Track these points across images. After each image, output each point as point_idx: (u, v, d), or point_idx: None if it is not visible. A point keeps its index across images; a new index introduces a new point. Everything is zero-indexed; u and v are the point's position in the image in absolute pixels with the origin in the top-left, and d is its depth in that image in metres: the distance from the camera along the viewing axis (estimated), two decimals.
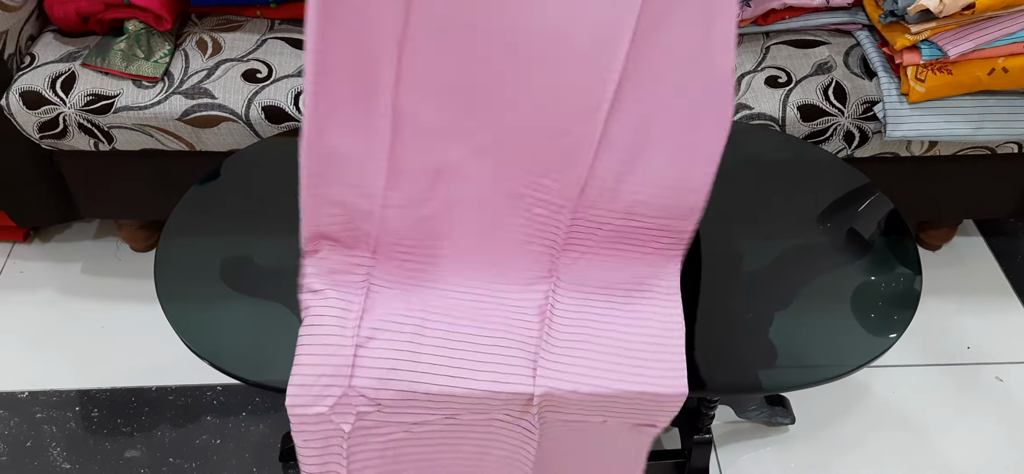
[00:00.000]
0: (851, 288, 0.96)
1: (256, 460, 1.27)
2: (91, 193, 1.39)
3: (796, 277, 0.97)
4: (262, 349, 0.91)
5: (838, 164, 1.16)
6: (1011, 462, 1.29)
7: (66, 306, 1.48)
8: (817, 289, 0.96)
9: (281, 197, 1.02)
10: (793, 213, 1.06)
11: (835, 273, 0.99)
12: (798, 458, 1.28)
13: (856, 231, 1.04)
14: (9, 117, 1.24)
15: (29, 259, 1.56)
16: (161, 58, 1.26)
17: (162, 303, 0.92)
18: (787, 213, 1.06)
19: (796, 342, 0.91)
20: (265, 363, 0.89)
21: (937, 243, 1.61)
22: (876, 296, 0.96)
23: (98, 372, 1.38)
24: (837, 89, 1.28)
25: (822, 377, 0.90)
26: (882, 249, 1.03)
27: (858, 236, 1.04)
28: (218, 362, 0.88)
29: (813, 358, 0.91)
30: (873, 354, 0.90)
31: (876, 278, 0.98)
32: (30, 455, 1.27)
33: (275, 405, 1.34)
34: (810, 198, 1.08)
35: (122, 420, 1.31)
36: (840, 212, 1.07)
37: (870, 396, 1.37)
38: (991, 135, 1.28)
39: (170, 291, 0.93)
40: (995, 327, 1.48)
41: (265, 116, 1.24)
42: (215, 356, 0.89)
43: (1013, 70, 1.20)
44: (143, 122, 1.24)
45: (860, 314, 0.94)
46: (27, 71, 1.25)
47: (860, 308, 0.94)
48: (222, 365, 0.88)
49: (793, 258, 1.00)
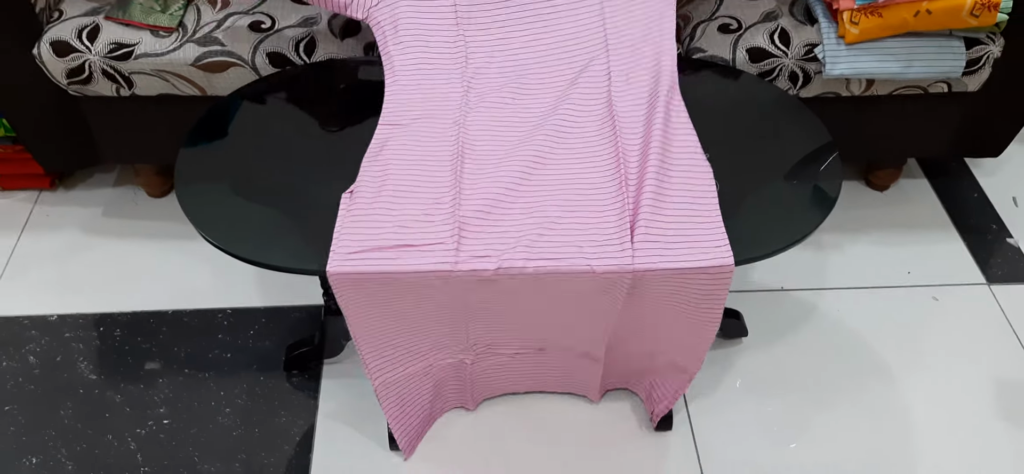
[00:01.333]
0: (790, 190, 1.12)
1: (262, 370, 1.41)
2: (112, 138, 1.54)
3: (750, 183, 1.12)
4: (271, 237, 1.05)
5: (785, 96, 1.31)
6: (945, 369, 1.43)
7: (89, 244, 1.63)
8: (765, 191, 1.12)
9: (276, 123, 1.17)
10: (743, 136, 1.22)
11: (778, 180, 1.14)
12: (753, 369, 1.43)
13: (793, 148, 1.19)
14: (40, 65, 1.39)
15: (54, 205, 1.72)
16: (176, 11, 1.41)
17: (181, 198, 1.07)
18: (739, 136, 1.22)
19: (752, 228, 1.07)
20: (270, 247, 1.03)
21: (884, 183, 1.75)
22: (805, 195, 1.11)
23: (120, 299, 1.53)
24: (782, 34, 1.42)
25: (777, 247, 1.05)
26: (810, 162, 1.17)
27: (795, 152, 1.19)
28: (230, 248, 1.03)
29: (767, 238, 1.06)
30: (808, 230, 1.06)
31: (806, 182, 1.13)
32: (60, 369, 1.41)
33: (279, 324, 1.48)
34: (762, 125, 1.24)
35: (142, 338, 1.46)
36: (782, 135, 1.23)
37: (817, 313, 1.51)
38: (920, 73, 1.42)
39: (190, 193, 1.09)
40: (934, 255, 1.63)
41: (269, 61, 1.39)
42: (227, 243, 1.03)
43: (936, 12, 1.35)
44: (160, 68, 1.39)
45: (796, 206, 1.10)
46: (56, 23, 1.40)
47: (795, 202, 1.11)
48: (233, 250, 1.02)
49: (746, 169, 1.15)
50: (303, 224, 1.06)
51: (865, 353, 1.45)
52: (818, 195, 1.11)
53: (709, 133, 1.19)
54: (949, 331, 1.49)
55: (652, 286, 1.04)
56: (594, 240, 1.02)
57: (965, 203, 1.74)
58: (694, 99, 1.28)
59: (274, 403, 1.36)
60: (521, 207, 1.06)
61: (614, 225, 1.03)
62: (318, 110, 1.25)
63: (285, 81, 1.34)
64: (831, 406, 1.37)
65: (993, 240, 1.66)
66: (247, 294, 1.53)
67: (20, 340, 1.45)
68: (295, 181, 1.12)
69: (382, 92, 1.24)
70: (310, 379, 1.40)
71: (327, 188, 1.09)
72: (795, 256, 1.61)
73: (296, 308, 1.51)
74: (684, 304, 1.08)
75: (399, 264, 1.00)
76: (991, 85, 1.47)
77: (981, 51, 1.41)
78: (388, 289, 1.02)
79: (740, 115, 1.27)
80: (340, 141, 1.19)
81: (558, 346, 1.21)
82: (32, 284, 1.56)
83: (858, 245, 1.64)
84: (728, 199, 1.08)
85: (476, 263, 1.00)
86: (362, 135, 1.17)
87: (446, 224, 1.03)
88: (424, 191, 1.07)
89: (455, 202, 1.04)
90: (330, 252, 1.00)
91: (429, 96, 1.22)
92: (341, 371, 1.41)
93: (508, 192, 1.07)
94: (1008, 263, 1.62)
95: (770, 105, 1.29)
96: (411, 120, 1.18)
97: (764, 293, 1.55)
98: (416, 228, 1.03)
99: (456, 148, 1.12)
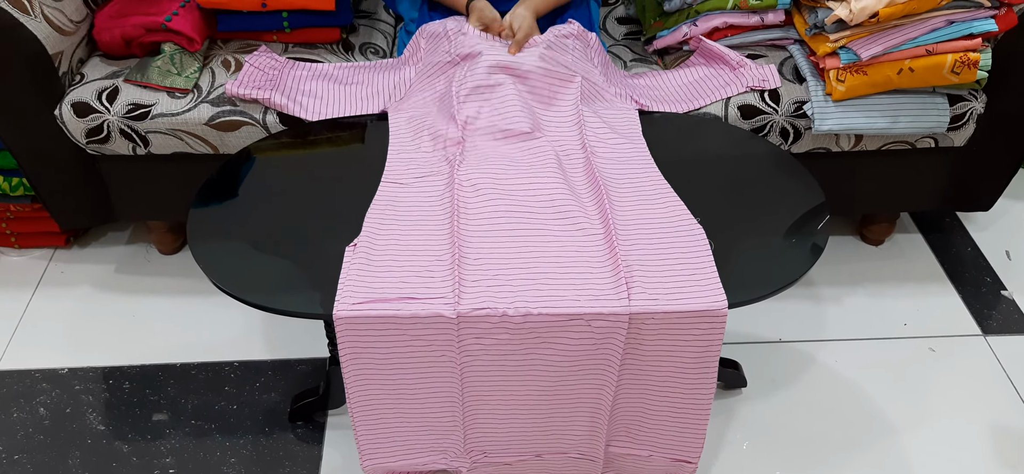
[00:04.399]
0: (781, 238, 1.16)
1: (268, 422, 1.43)
2: (127, 195, 1.59)
3: (743, 232, 1.16)
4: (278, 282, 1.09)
5: (776, 151, 1.36)
6: (944, 419, 1.44)
7: (101, 300, 1.67)
8: (758, 237, 1.16)
9: (285, 176, 1.22)
10: (736, 189, 1.26)
11: (770, 229, 1.18)
12: (751, 419, 1.44)
13: (784, 200, 1.23)
14: (61, 125, 1.45)
15: (69, 262, 1.76)
16: (192, 73, 1.48)
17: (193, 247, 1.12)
18: (732, 187, 1.27)
19: (745, 275, 1.11)
20: (278, 292, 1.07)
21: (879, 238, 1.79)
22: (796, 241, 1.14)
23: (129, 352, 1.56)
24: (772, 92, 1.48)
25: (769, 290, 1.08)
26: (801, 212, 1.21)
27: (786, 203, 1.23)
28: (240, 294, 1.06)
29: (759, 284, 1.09)
30: (798, 275, 1.10)
31: (796, 229, 1.17)
32: (69, 419, 1.44)
33: (285, 377, 1.51)
34: (755, 178, 1.30)
35: (150, 391, 1.49)
36: (774, 188, 1.27)
37: (815, 365, 1.53)
38: (906, 128, 1.47)
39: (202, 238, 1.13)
40: (929, 307, 1.65)
41: (280, 120, 1.45)
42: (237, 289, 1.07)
43: (918, 70, 1.40)
44: (175, 127, 1.45)
45: (787, 252, 1.14)
46: (77, 86, 1.47)
47: (787, 249, 1.15)
48: (243, 296, 1.06)
49: (739, 219, 1.19)
50: (311, 273, 1.10)
51: (864, 403, 1.46)
52: (808, 243, 1.15)
53: (704, 185, 1.23)
54: (947, 382, 1.50)
55: (648, 339, 1.07)
56: (591, 293, 1.05)
57: (959, 257, 1.77)
58: (688, 153, 1.33)
59: (279, 454, 1.38)
60: (518, 265, 1.09)
61: (610, 281, 1.06)
62: (324, 165, 1.31)
63: (294, 138, 1.39)
64: (830, 459, 1.38)
65: (987, 292, 1.69)
66: (254, 347, 1.57)
67: (31, 392, 1.48)
68: (304, 233, 1.17)
69: (386, 149, 1.30)
70: (315, 430, 1.42)
71: (334, 240, 1.13)
72: (792, 308, 1.64)
73: (302, 360, 1.54)
74: (680, 358, 1.10)
75: (401, 310, 1.03)
76: (976, 140, 1.52)
77: (965, 107, 1.47)
78: (389, 336, 1.05)
79: (733, 169, 1.32)
80: (346, 195, 1.24)
81: (555, 448, 1.20)
82: (45, 339, 1.59)
83: (854, 297, 1.67)
84: (722, 249, 1.12)
85: (475, 312, 1.04)
86: (367, 190, 1.22)
87: (446, 281, 1.06)
88: (425, 248, 1.11)
89: (454, 259, 1.08)
90: (335, 301, 1.04)
91: (429, 157, 1.27)
92: (345, 422, 1.43)
93: (505, 251, 1.11)
94: (1003, 315, 1.64)
95: (762, 159, 1.34)
96: (413, 179, 1.23)
97: (762, 345, 1.57)
98: (418, 283, 1.06)
99: (453, 206, 1.16)
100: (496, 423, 1.16)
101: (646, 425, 1.18)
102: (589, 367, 1.09)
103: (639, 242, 1.11)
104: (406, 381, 1.11)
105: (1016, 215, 1.89)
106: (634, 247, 1.10)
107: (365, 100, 1.46)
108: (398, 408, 1.14)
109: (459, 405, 1.13)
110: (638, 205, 1.18)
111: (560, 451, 1.20)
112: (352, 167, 1.32)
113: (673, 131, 1.41)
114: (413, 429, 1.17)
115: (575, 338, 1.06)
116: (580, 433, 1.17)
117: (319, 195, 1.25)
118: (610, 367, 1.09)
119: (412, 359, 1.08)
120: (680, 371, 1.10)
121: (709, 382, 1.12)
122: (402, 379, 1.10)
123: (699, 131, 1.42)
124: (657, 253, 1.10)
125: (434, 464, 1.22)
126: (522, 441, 1.18)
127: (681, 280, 1.07)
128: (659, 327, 1.05)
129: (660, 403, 1.15)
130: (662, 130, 1.39)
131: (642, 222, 1.14)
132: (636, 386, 1.13)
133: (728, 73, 1.50)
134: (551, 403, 1.13)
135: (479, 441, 1.18)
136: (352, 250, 1.10)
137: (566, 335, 1.05)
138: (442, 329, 1.04)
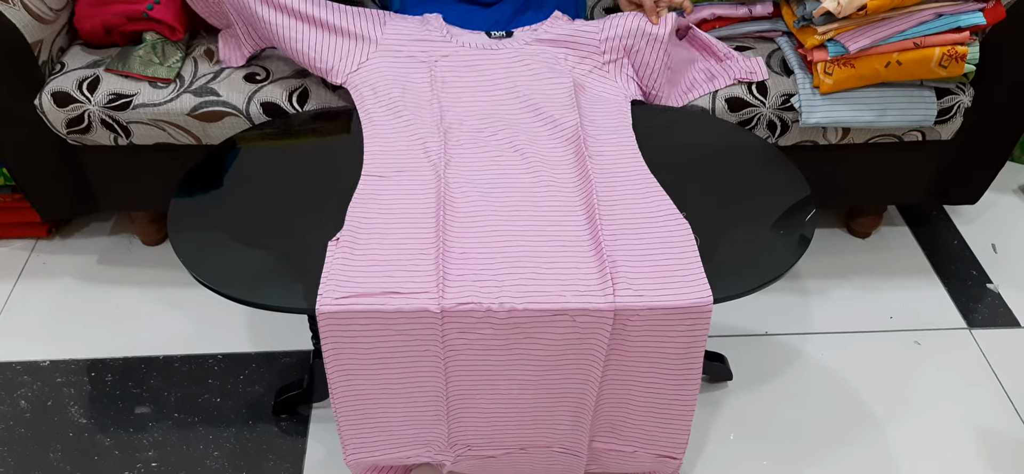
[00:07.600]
0: (768, 231, 1.15)
1: (251, 415, 1.42)
2: (109, 186, 1.57)
3: (730, 225, 1.16)
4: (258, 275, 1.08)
5: (762, 144, 1.36)
6: (928, 412, 1.45)
7: (83, 291, 1.65)
8: (743, 233, 1.15)
9: (268, 167, 1.20)
10: (723, 182, 1.26)
11: (756, 223, 1.17)
12: (737, 412, 1.44)
13: (771, 194, 1.23)
14: (41, 115, 1.43)
15: (51, 253, 1.74)
16: (174, 63, 1.46)
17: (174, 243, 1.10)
18: (719, 180, 1.26)
19: (730, 269, 1.10)
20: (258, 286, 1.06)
21: (866, 231, 1.79)
22: (782, 236, 1.14)
23: (112, 345, 1.54)
24: (759, 84, 1.47)
25: (754, 286, 1.08)
26: (787, 205, 1.21)
27: (772, 196, 1.22)
28: (222, 289, 1.05)
29: (745, 279, 1.09)
30: (783, 270, 1.10)
31: (782, 223, 1.16)
32: (50, 412, 1.42)
33: (269, 369, 1.50)
34: (741, 171, 1.29)
35: (132, 383, 1.47)
36: (760, 181, 1.27)
37: (801, 357, 1.53)
38: (894, 121, 1.47)
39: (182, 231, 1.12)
40: (915, 300, 1.65)
41: (263, 111, 1.44)
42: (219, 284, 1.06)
43: (906, 63, 1.40)
44: (157, 117, 1.43)
45: (773, 247, 1.14)
46: (57, 76, 1.45)
47: (772, 244, 1.15)
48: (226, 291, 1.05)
49: (726, 213, 1.19)
50: (293, 266, 1.09)
51: (850, 396, 1.46)
52: (794, 236, 1.14)
53: (690, 179, 1.23)
54: (932, 375, 1.51)
55: (633, 334, 1.06)
56: (576, 289, 1.05)
57: (945, 250, 1.78)
58: (676, 146, 1.32)
59: (262, 447, 1.37)
60: (503, 259, 1.08)
61: (595, 277, 1.06)
62: (308, 157, 1.29)
63: (277, 129, 1.38)
64: (816, 452, 1.38)
65: (973, 286, 1.69)
66: (237, 340, 1.55)
67: (12, 385, 1.46)
68: (286, 226, 1.16)
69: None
70: (299, 423, 1.41)
71: (317, 233, 1.12)
72: (778, 302, 1.64)
73: (286, 353, 1.53)
74: (665, 353, 1.09)
75: (385, 305, 1.02)
76: (963, 133, 1.52)
77: (952, 101, 1.46)
78: (373, 331, 1.04)
79: (720, 162, 1.31)
80: (329, 187, 1.23)
81: (540, 442, 1.19)
82: (26, 331, 1.57)
83: (841, 291, 1.67)
84: (709, 243, 1.11)
85: (460, 306, 1.03)
86: (351, 182, 1.20)
87: (430, 275, 1.05)
88: (408, 242, 1.10)
89: (439, 253, 1.07)
90: (317, 295, 1.03)
91: (408, 150, 1.26)
92: (329, 416, 1.42)
93: (490, 245, 1.10)
94: (988, 308, 1.64)
95: (749, 153, 1.33)
96: (393, 172, 1.21)
97: (748, 338, 1.57)
98: (401, 277, 1.05)
99: (437, 201, 1.15)
100: (480, 417, 1.15)
101: (630, 420, 1.18)
102: (574, 362, 1.08)
103: (624, 237, 1.10)
104: (390, 375, 1.10)
105: (1003, 209, 1.89)
106: (619, 242, 1.09)
107: (330, 48, 1.40)
108: (382, 402, 1.13)
109: (443, 399, 1.13)
110: (624, 199, 1.17)
111: (544, 445, 1.20)
112: (336, 158, 1.30)
113: (660, 124, 1.40)
114: (397, 423, 1.16)
115: (560, 333, 1.05)
116: (564, 427, 1.17)
117: (303, 186, 1.23)
118: (594, 362, 1.08)
119: (396, 353, 1.07)
120: (665, 366, 1.10)
121: (694, 378, 1.11)
122: (386, 373, 1.09)
123: (686, 124, 1.42)
124: (642, 248, 1.09)
125: (418, 457, 1.21)
126: (506, 435, 1.18)
127: (666, 275, 1.06)
128: (644, 322, 1.05)
129: (644, 398, 1.14)
130: (649, 122, 1.39)
131: (628, 217, 1.14)
132: (620, 381, 1.12)
133: (715, 64, 1.50)
134: (535, 397, 1.13)
135: (463, 435, 1.17)
136: (335, 244, 1.09)
137: (551, 330, 1.05)
138: (426, 324, 1.04)
